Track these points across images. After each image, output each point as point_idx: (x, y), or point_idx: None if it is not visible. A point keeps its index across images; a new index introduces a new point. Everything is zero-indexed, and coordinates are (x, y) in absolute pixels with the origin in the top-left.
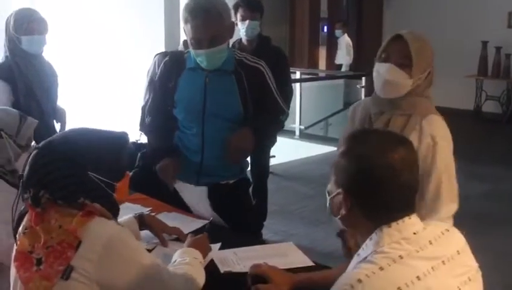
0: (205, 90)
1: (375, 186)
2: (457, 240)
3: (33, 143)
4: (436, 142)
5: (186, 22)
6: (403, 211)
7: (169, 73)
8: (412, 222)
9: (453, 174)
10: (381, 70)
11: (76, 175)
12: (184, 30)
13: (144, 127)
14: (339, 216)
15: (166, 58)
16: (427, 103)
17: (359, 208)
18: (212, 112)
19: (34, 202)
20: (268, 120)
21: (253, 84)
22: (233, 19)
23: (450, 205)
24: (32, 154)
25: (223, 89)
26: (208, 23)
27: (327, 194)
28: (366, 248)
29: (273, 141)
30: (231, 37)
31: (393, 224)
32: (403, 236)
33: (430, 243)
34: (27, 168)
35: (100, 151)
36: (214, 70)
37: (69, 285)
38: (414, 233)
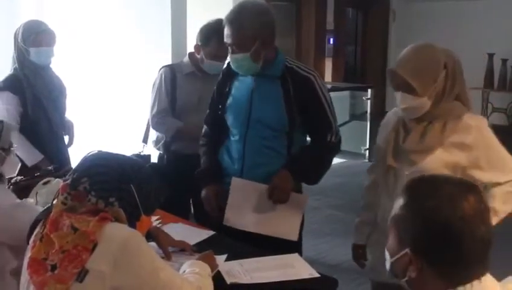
0: (252, 95)
1: (449, 243)
2: None
3: (14, 146)
4: (482, 132)
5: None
6: (478, 266)
7: (226, 79)
8: (483, 287)
9: (504, 150)
10: (396, 99)
11: (120, 181)
12: None
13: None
14: (405, 279)
15: (224, 68)
16: (460, 106)
17: (431, 268)
18: (256, 118)
19: (72, 184)
20: (315, 150)
21: (300, 94)
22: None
23: None
24: (92, 152)
25: (268, 95)
26: (230, 31)
27: (386, 254)
28: None
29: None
30: (266, 47)
31: (460, 289)
32: None
33: None
34: (82, 159)
35: (147, 179)
36: (261, 76)
37: (84, 287)
38: None
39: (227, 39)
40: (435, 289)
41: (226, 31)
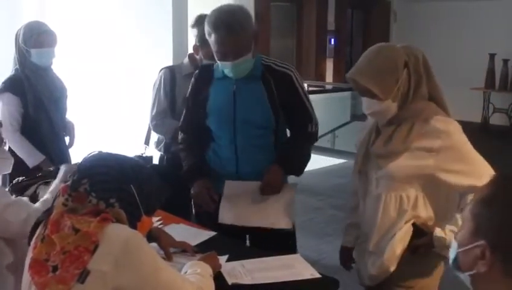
0: (234, 98)
1: None
2: None
3: (5, 141)
4: (452, 137)
5: (209, 35)
6: None
7: (200, 85)
8: None
9: (479, 156)
10: (362, 104)
11: (120, 182)
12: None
13: (176, 143)
14: (472, 272)
15: (197, 72)
16: (431, 107)
17: (503, 266)
18: (243, 119)
19: (73, 185)
20: (299, 142)
21: (281, 89)
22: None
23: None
24: (92, 153)
25: (252, 96)
26: (231, 37)
27: (454, 243)
28: None
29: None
30: (256, 42)
31: None
32: None
33: None
34: (82, 160)
35: (148, 180)
36: (241, 78)
37: (86, 288)
38: None
39: (224, 47)
40: (501, 289)
41: (222, 38)
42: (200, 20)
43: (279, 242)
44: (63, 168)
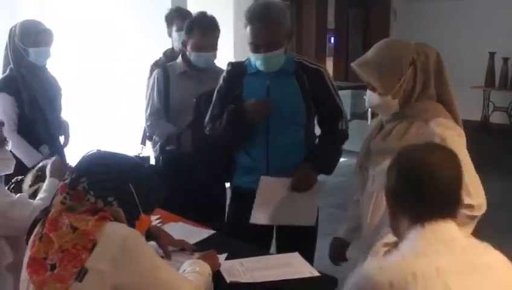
0: (268, 92)
1: (414, 182)
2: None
3: (7, 141)
4: (446, 144)
5: (245, 26)
6: (442, 206)
7: (233, 81)
8: (448, 228)
9: (472, 172)
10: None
11: (119, 181)
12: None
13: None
14: (390, 226)
15: (229, 68)
16: (436, 107)
17: (400, 209)
18: (276, 114)
19: (71, 183)
20: (331, 140)
21: (313, 86)
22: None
23: (480, 201)
24: (92, 151)
25: (286, 90)
26: (265, 30)
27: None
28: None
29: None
30: (289, 41)
31: (428, 225)
32: (438, 239)
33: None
34: (81, 158)
35: (146, 178)
36: (275, 73)
37: (84, 287)
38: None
39: (257, 39)
40: (405, 226)
41: (256, 30)
42: (172, 14)
43: (301, 244)
44: (47, 168)
